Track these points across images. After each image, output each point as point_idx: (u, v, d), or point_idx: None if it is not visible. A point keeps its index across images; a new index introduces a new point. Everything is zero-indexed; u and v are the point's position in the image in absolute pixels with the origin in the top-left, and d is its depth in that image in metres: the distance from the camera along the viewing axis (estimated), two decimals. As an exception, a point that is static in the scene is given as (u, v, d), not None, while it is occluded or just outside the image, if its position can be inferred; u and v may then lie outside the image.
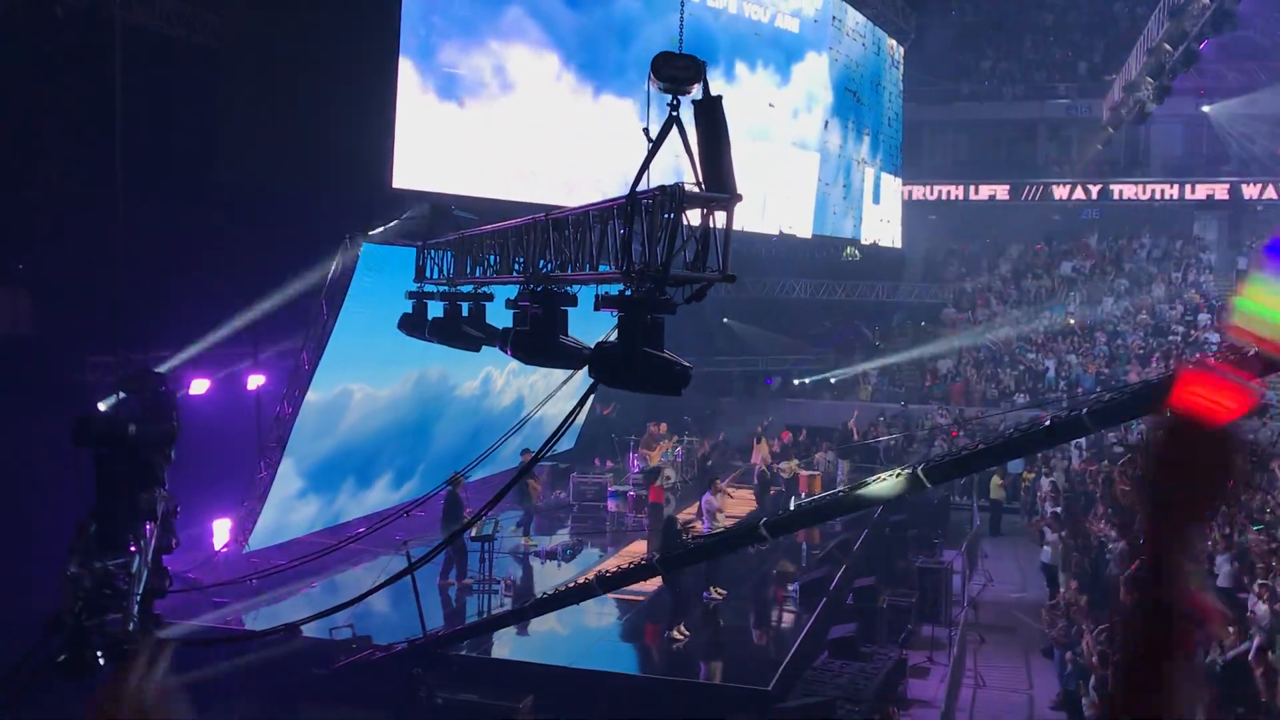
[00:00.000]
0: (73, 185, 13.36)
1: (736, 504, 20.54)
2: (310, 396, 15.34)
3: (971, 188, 35.23)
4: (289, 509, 16.28)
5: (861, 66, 28.11)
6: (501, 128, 15.95)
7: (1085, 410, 8.07)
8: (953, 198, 35.39)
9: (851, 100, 27.55)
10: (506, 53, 16.10)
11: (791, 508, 16.73)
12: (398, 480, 18.54)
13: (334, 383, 15.85)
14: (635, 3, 18.78)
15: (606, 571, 12.40)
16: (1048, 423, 8.79)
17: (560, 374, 10.48)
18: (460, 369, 18.35)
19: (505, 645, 13.50)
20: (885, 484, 9.41)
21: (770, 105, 23.35)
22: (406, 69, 14.32)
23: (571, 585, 12.52)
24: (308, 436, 15.85)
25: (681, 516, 17.49)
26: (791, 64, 24.16)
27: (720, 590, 15.30)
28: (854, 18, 27.24)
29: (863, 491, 9.72)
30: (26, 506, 11.68)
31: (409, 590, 12.19)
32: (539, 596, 12.99)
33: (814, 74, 25.27)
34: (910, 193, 33.81)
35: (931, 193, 35.28)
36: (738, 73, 22.17)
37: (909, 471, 9.23)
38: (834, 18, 25.93)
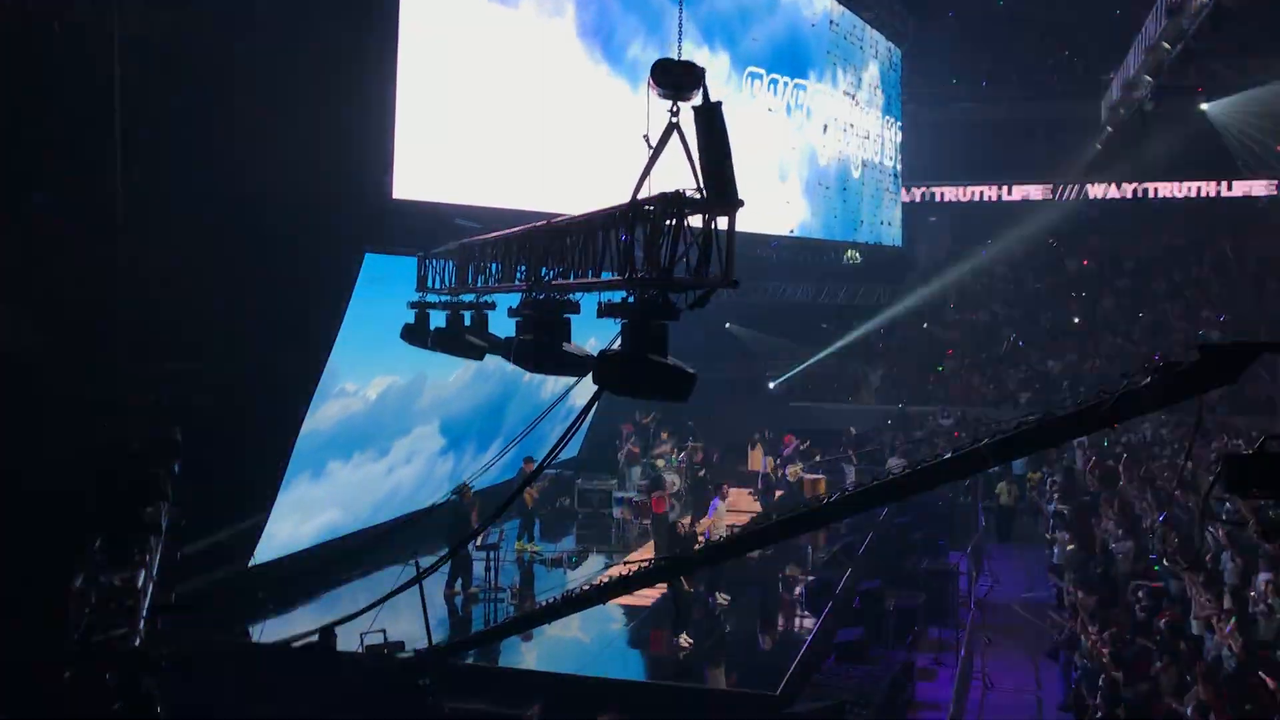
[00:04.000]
0: (72, 199, 13.34)
1: (739, 506, 20.59)
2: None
3: (971, 189, 35.23)
4: (319, 511, 16.41)
5: (859, 70, 28.14)
6: (503, 135, 15.95)
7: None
8: (952, 199, 35.39)
9: (850, 103, 27.59)
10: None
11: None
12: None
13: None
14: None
15: (573, 590, 12.31)
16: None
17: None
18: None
19: (512, 653, 13.48)
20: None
21: (769, 110, 23.36)
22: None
23: (541, 606, 12.43)
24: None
25: (684, 522, 17.47)
26: (791, 71, 24.20)
27: (725, 595, 15.28)
28: (851, 21, 27.26)
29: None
30: (31, 522, 11.65)
31: (416, 600, 12.17)
32: (510, 618, 12.94)
33: (812, 78, 25.30)
34: (910, 195, 33.84)
35: (931, 194, 35.29)
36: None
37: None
38: (831, 22, 25.95)
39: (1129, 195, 33.99)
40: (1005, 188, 35.08)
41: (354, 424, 16.16)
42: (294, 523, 15.53)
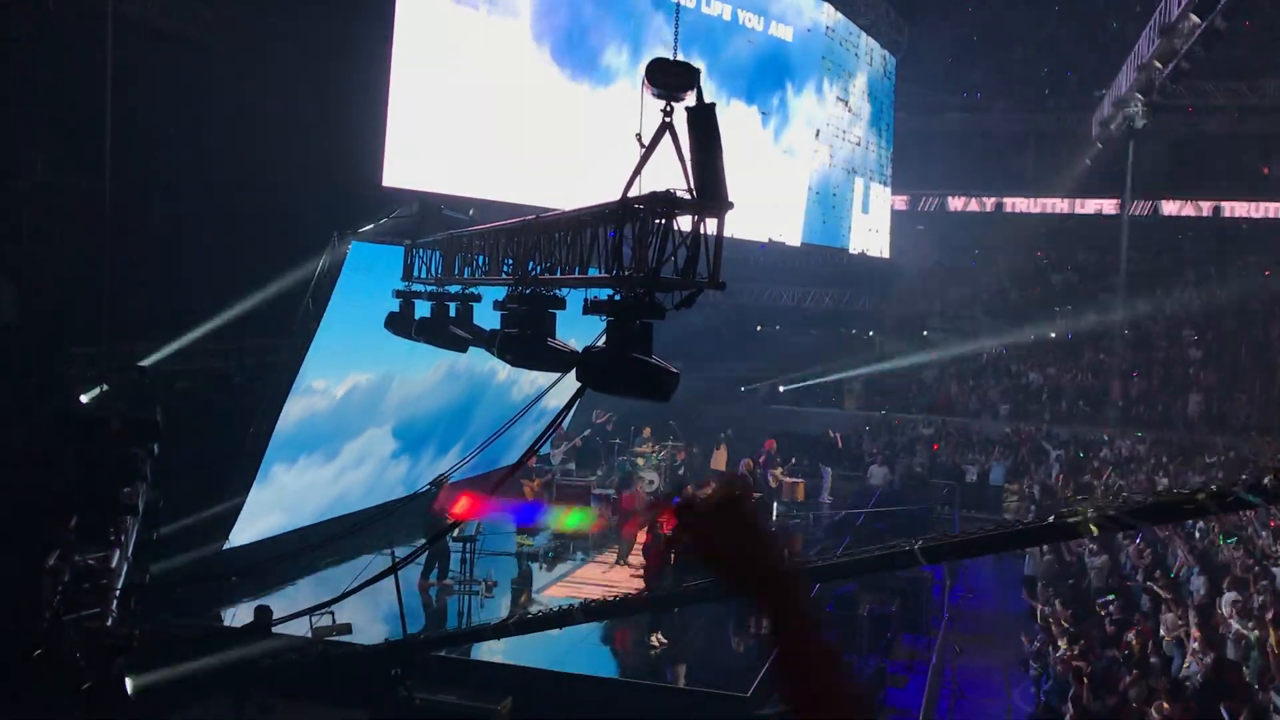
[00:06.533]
0: (60, 176, 13.27)
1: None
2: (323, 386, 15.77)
3: (960, 199, 35.37)
4: (303, 494, 16.37)
5: (853, 76, 28.21)
6: (494, 128, 15.93)
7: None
8: (941, 208, 35.54)
9: (842, 110, 27.65)
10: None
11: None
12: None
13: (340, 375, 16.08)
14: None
15: (591, 602, 12.20)
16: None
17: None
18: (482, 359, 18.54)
19: (485, 647, 13.45)
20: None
21: (763, 113, 23.40)
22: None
23: (555, 611, 12.42)
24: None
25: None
26: (785, 76, 24.25)
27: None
28: (847, 28, 27.32)
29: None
30: (5, 498, 11.58)
31: (390, 590, 12.15)
32: (518, 616, 12.85)
33: (807, 84, 25.35)
34: (899, 203, 33.96)
35: (920, 203, 35.43)
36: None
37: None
38: (827, 28, 26.00)
39: (1114, 211, 34.14)
40: (994, 199, 35.23)
41: (315, 425, 15.89)
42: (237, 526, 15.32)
